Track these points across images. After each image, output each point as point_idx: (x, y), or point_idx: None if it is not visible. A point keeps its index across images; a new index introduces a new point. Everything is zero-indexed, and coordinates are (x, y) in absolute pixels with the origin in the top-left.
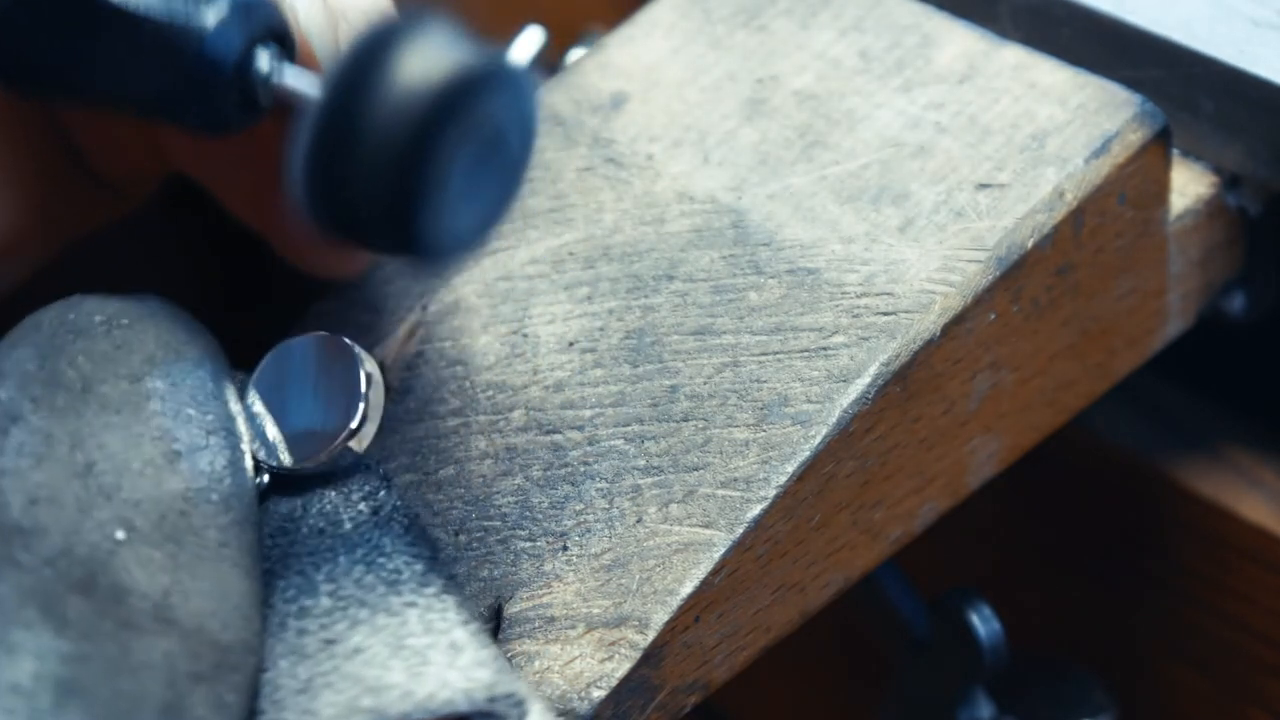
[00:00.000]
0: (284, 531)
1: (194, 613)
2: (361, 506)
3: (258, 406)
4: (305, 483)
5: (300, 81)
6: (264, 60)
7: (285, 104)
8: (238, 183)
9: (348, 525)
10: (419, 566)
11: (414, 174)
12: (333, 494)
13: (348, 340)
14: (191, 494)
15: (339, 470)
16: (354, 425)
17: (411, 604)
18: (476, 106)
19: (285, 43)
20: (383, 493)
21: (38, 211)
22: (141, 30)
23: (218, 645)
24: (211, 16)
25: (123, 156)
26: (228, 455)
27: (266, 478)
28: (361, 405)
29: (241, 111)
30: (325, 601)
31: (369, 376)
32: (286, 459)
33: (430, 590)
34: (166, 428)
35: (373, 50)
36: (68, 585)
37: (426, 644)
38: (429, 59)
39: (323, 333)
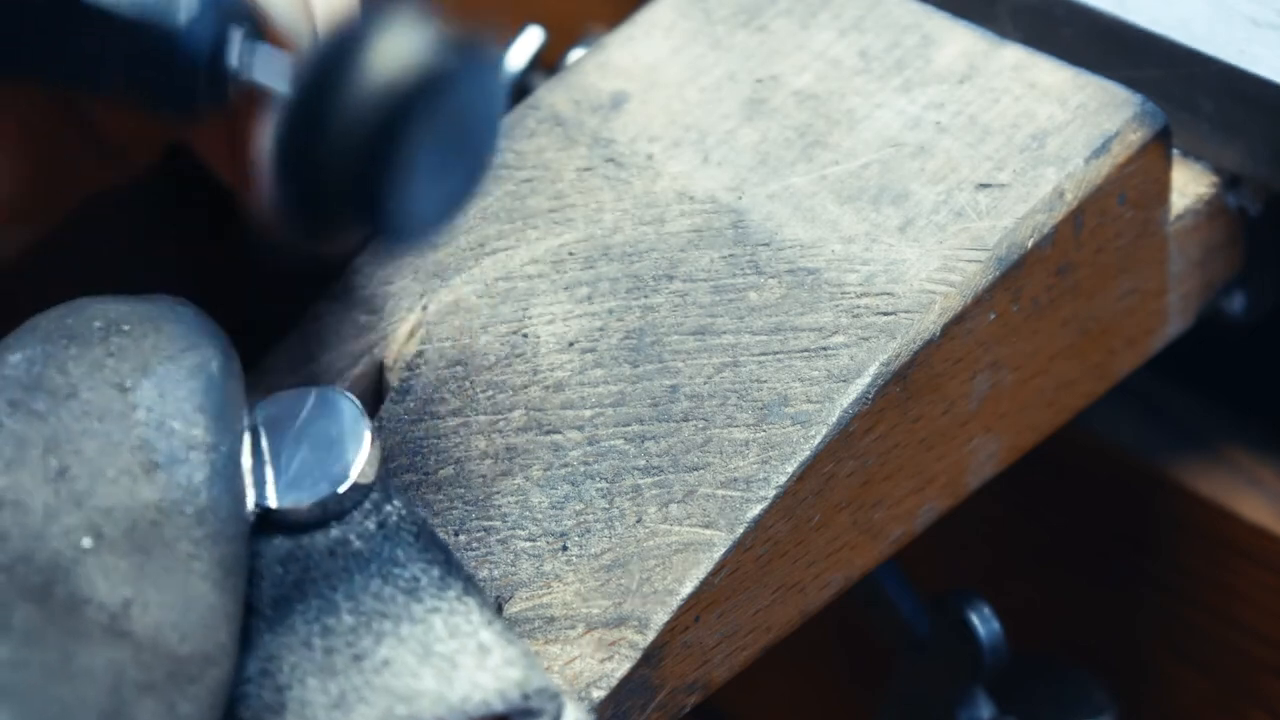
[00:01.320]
0: (294, 558)
1: (152, 624)
2: (368, 524)
3: (262, 443)
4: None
5: (270, 69)
6: (235, 50)
7: (257, 89)
8: (224, 152)
9: (357, 544)
10: (435, 571)
11: (381, 158)
12: (337, 519)
13: (349, 398)
14: (165, 505)
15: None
16: (341, 491)
17: (435, 610)
18: (443, 96)
19: (254, 29)
20: (387, 506)
21: (44, 175)
22: (116, 26)
23: (174, 656)
24: (184, 12)
25: (126, 121)
26: (207, 470)
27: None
28: (354, 471)
29: (213, 99)
30: (348, 619)
31: (368, 440)
32: (273, 501)
33: (451, 593)
34: (147, 438)
35: (344, 39)
36: (20, 592)
37: (454, 648)
38: (398, 48)
39: (324, 388)
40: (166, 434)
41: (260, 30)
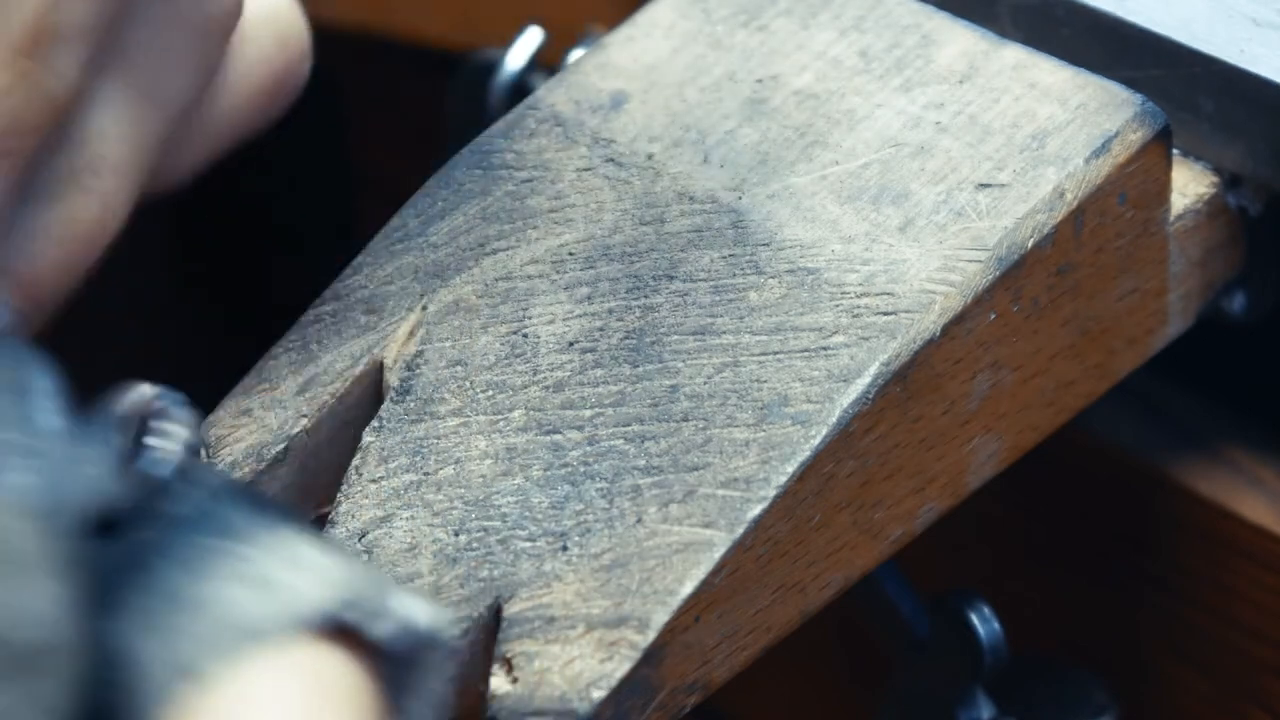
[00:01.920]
0: (122, 556)
1: None
2: (197, 494)
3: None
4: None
5: None
6: None
7: None
8: None
9: (182, 513)
10: (266, 519)
11: None
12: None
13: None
14: None
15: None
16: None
17: (260, 546)
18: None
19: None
20: (214, 479)
21: None
22: None
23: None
24: None
25: None
26: (33, 477)
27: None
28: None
29: None
30: (168, 574)
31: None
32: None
33: (281, 534)
34: None
35: None
36: None
37: (279, 573)
38: None
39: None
40: None
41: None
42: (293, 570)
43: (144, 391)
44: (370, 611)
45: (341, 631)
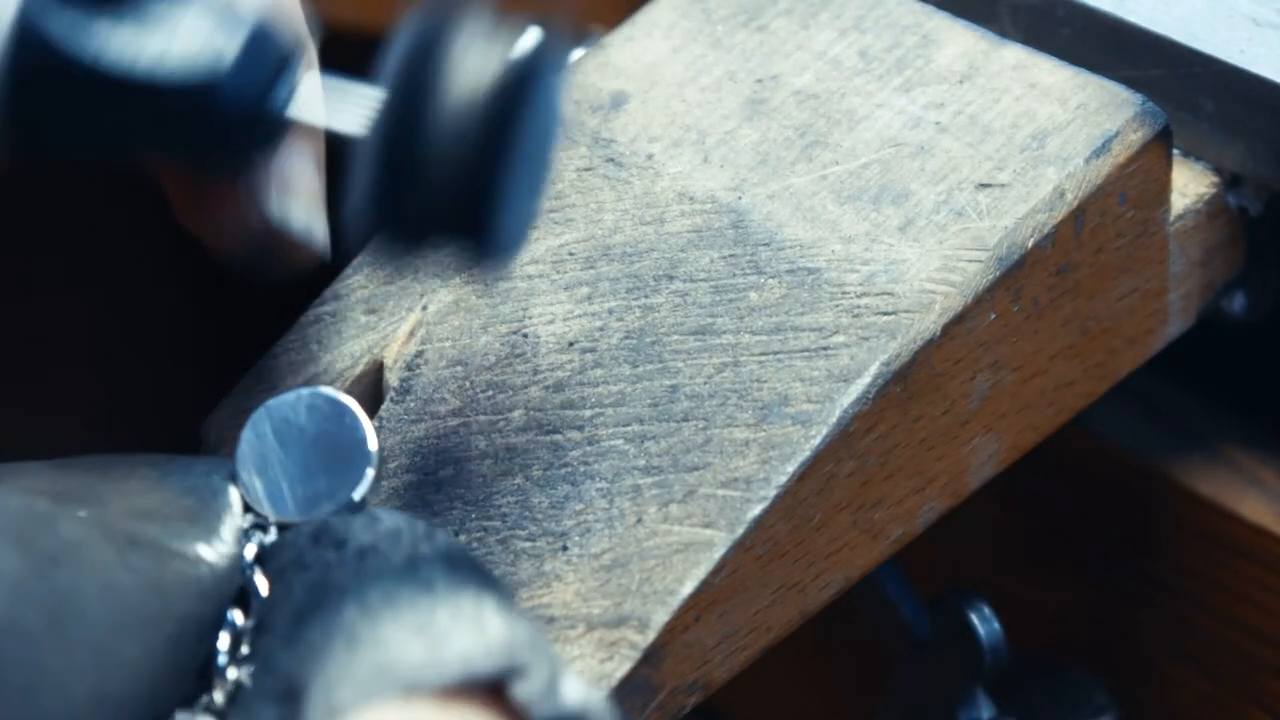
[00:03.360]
0: (318, 586)
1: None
2: (394, 558)
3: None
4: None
5: (341, 112)
6: (281, 97)
7: (309, 127)
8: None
9: (381, 568)
10: (457, 577)
11: (484, 186)
12: (371, 556)
13: (346, 400)
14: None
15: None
16: (356, 497)
17: (442, 601)
18: (531, 106)
19: (295, 64)
20: (423, 545)
21: None
22: (159, 96)
23: None
24: (225, 66)
25: None
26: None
27: (274, 531)
28: (369, 473)
29: (267, 145)
30: (351, 612)
31: (371, 442)
32: (288, 514)
33: (466, 591)
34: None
35: (424, 56)
36: None
37: (451, 626)
38: (480, 59)
39: (317, 390)
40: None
41: (303, 65)
42: (470, 630)
43: None
44: (534, 686)
45: (497, 695)
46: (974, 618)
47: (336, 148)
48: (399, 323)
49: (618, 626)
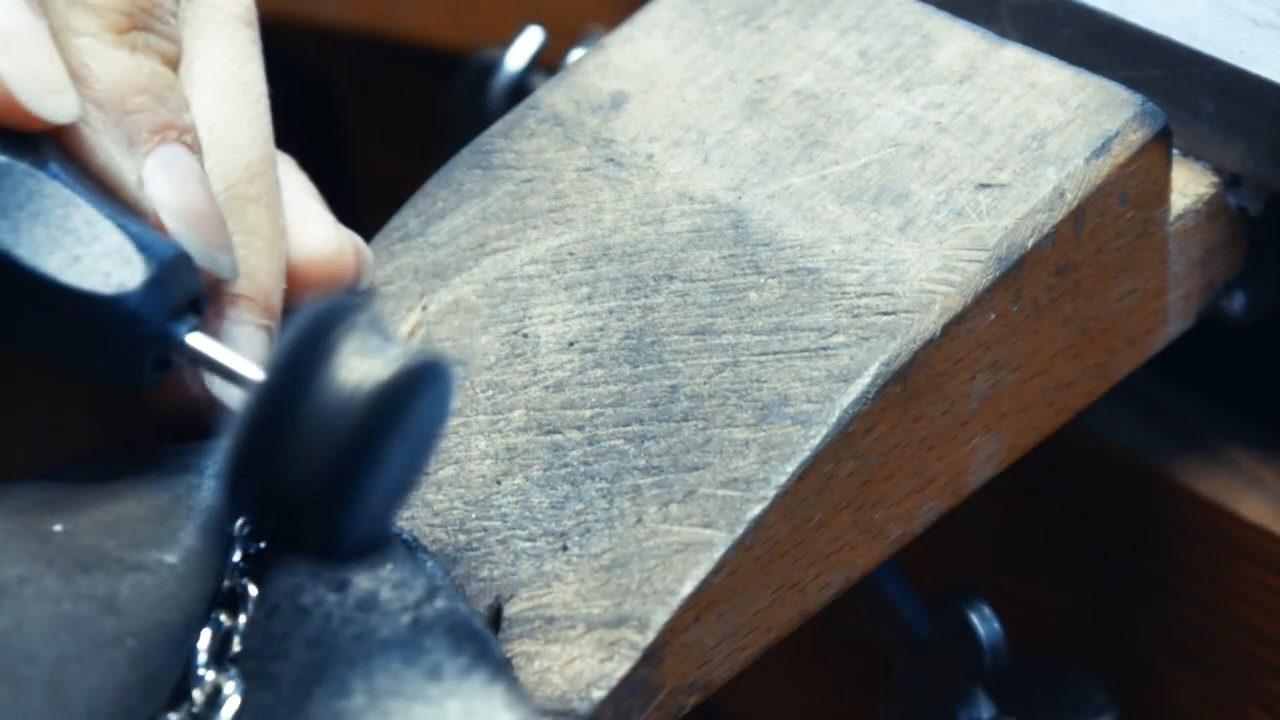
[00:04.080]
0: (320, 643)
1: None
2: (403, 619)
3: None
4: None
5: (221, 355)
6: (184, 328)
7: (201, 365)
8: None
9: (384, 633)
10: (463, 660)
11: (351, 475)
12: (374, 612)
13: None
14: None
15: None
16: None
17: (452, 693)
18: (408, 409)
19: (202, 306)
20: (426, 606)
21: None
22: (60, 299)
23: None
24: (133, 285)
25: None
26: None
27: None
28: None
29: (156, 373)
30: (359, 699)
31: None
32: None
33: (475, 680)
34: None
35: (311, 342)
36: None
37: None
38: (365, 357)
39: None
40: None
41: (206, 307)
42: None
43: None
44: None
45: None
46: (974, 618)
47: None
48: (399, 323)
49: (618, 626)
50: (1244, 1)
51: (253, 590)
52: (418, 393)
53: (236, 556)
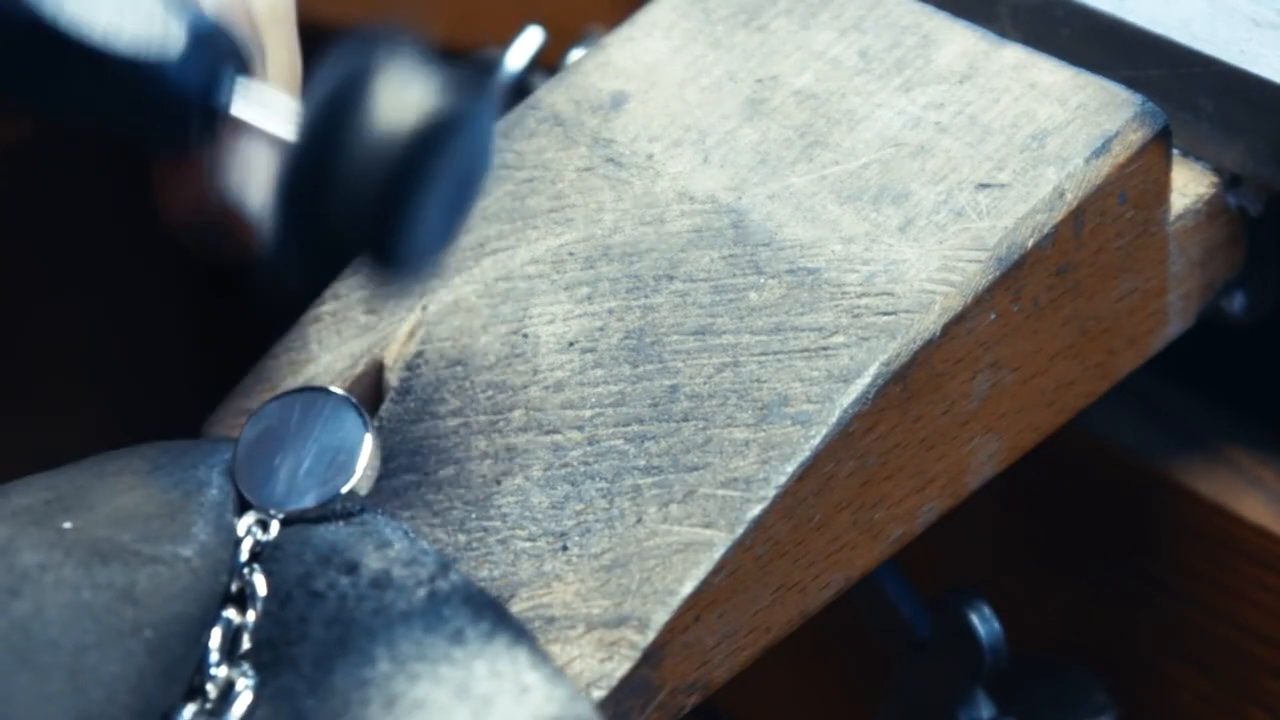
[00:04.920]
0: (338, 620)
1: None
2: (419, 592)
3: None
4: (347, 547)
5: (272, 113)
6: (228, 89)
7: (249, 130)
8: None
9: (402, 606)
10: (484, 625)
11: (394, 205)
12: (389, 589)
13: (339, 392)
14: None
15: (350, 513)
16: (344, 488)
17: (477, 654)
18: (447, 141)
19: (244, 65)
20: (440, 581)
21: None
22: (107, 64)
23: None
24: (174, 50)
25: None
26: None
27: (275, 526)
28: (359, 467)
29: (203, 138)
30: (384, 666)
31: (366, 440)
32: (281, 503)
33: (498, 643)
34: None
35: (348, 82)
36: None
37: (493, 689)
38: (404, 92)
39: (312, 388)
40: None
41: (251, 68)
42: (512, 696)
43: None
44: None
45: None
46: (974, 618)
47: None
48: (399, 323)
49: (618, 626)
50: (1244, 1)
51: (261, 588)
52: (458, 120)
53: (244, 555)
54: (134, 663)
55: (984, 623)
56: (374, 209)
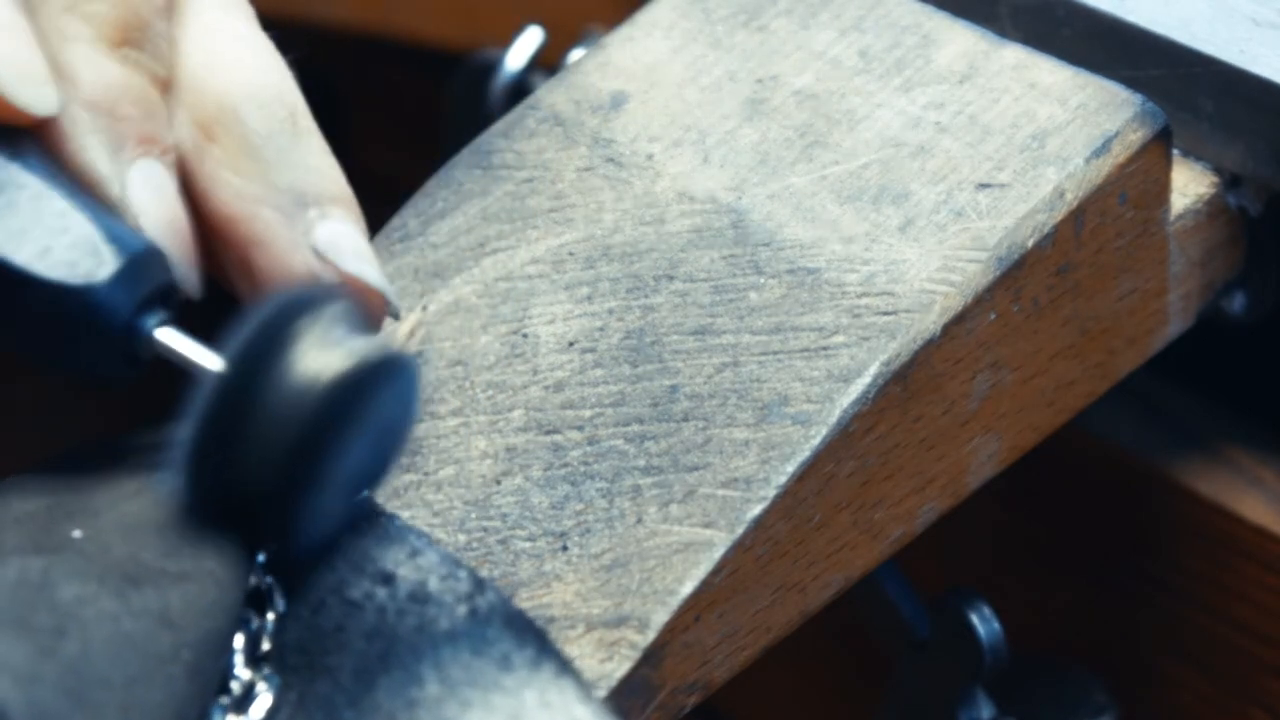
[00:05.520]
0: (379, 634)
1: None
2: (459, 609)
3: None
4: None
5: (189, 349)
6: (152, 322)
7: (170, 361)
8: None
9: (445, 624)
10: (529, 651)
11: (304, 469)
12: (428, 604)
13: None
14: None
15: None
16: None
17: (527, 683)
18: (367, 403)
19: (172, 301)
20: (479, 598)
21: None
22: (32, 291)
23: None
24: (102, 276)
25: None
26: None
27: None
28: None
29: (126, 368)
30: (433, 689)
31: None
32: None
33: (545, 672)
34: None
35: (271, 334)
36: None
37: (533, 716)
38: (325, 349)
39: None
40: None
41: (176, 307)
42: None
43: None
44: None
45: None
46: (974, 618)
47: None
48: (399, 323)
49: (618, 626)
50: (1244, 1)
51: (277, 588)
52: (377, 387)
53: (260, 555)
54: (175, 688)
55: (984, 623)
56: (284, 473)
